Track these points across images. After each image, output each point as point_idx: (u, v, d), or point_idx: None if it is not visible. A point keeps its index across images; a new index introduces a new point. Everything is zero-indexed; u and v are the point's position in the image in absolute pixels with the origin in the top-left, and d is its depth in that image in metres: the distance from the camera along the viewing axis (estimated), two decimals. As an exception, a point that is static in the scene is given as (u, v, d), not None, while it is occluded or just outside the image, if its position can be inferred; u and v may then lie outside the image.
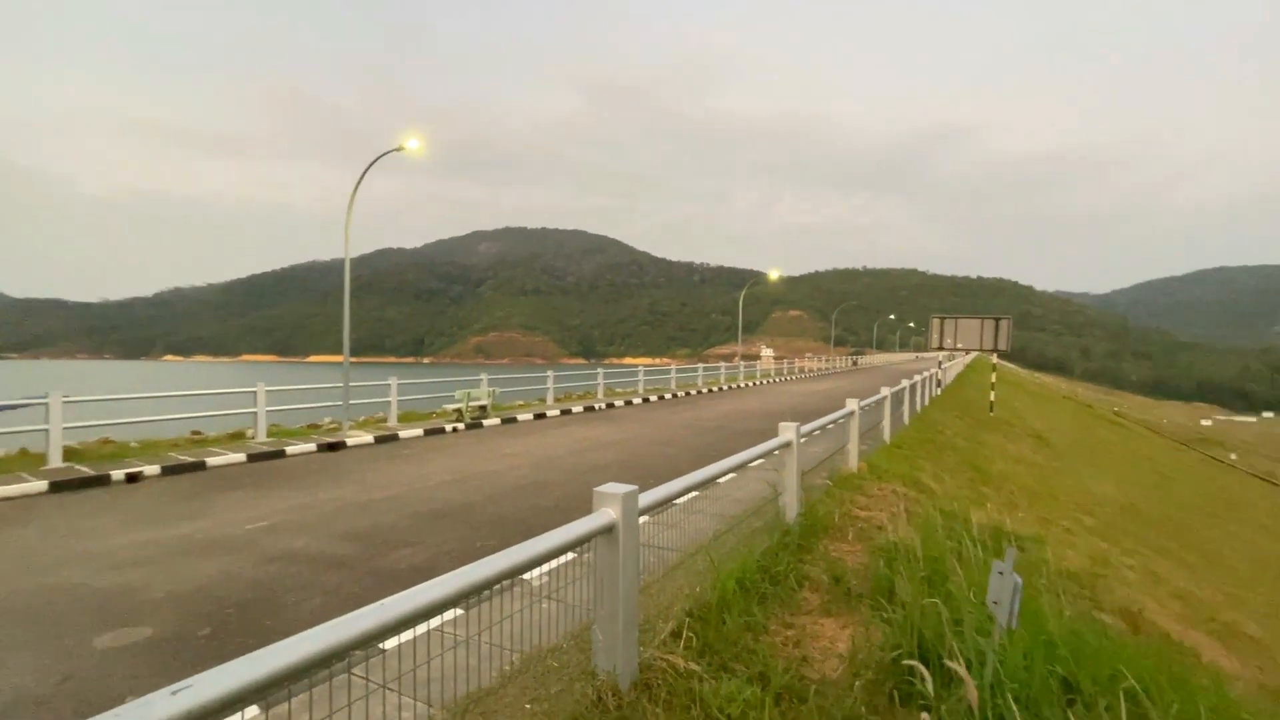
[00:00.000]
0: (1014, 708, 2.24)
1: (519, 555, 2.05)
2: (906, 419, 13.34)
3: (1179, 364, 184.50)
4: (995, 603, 2.54)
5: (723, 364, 30.19)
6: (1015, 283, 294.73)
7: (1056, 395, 54.05)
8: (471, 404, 14.22)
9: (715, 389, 25.58)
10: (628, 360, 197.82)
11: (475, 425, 13.64)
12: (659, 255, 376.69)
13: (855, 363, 57.79)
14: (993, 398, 20.80)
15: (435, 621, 3.46)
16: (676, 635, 2.95)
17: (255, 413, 11.22)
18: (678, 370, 26.31)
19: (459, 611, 3.69)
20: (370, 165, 12.41)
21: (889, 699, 2.57)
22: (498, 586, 3.85)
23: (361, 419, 14.37)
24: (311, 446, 10.63)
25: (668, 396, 21.60)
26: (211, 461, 9.25)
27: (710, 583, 3.66)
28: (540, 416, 15.50)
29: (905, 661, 2.49)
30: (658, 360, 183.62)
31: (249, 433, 11.43)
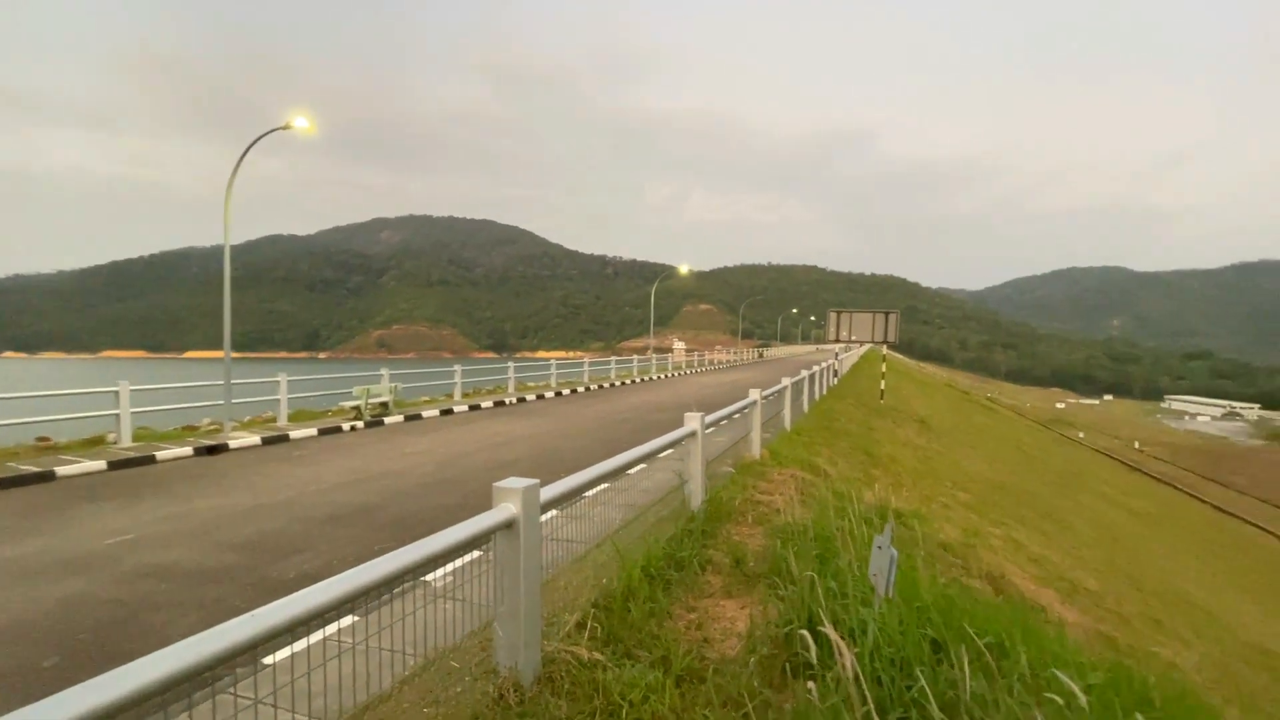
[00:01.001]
0: (889, 669, 2.44)
1: (411, 555, 1.97)
2: (806, 407, 14.08)
3: (1038, 354, 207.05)
4: (875, 575, 2.75)
5: (635, 357, 30.48)
6: (904, 279, 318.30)
7: (938, 383, 58.96)
8: (372, 401, 13.51)
9: (628, 382, 25.80)
10: (540, 354, 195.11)
11: (376, 423, 12.98)
12: (572, 248, 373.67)
13: (761, 355, 60.19)
14: (883, 386, 22.37)
15: (329, 630, 3.28)
16: (581, 626, 2.97)
17: (118, 414, 10.06)
18: (591, 363, 26.29)
19: (354, 618, 3.52)
20: (254, 143, 11.42)
21: (782, 672, 2.72)
22: (398, 589, 3.72)
23: (247, 419, 13.27)
24: (187, 450, 9.69)
25: (580, 390, 21.54)
26: (63, 471, 8.21)
27: (617, 573, 3.70)
28: (447, 413, 14.99)
29: (801, 631, 2.64)
30: (571, 353, 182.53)
31: (110, 437, 10.25)
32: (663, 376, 29.51)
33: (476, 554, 3.80)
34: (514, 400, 17.68)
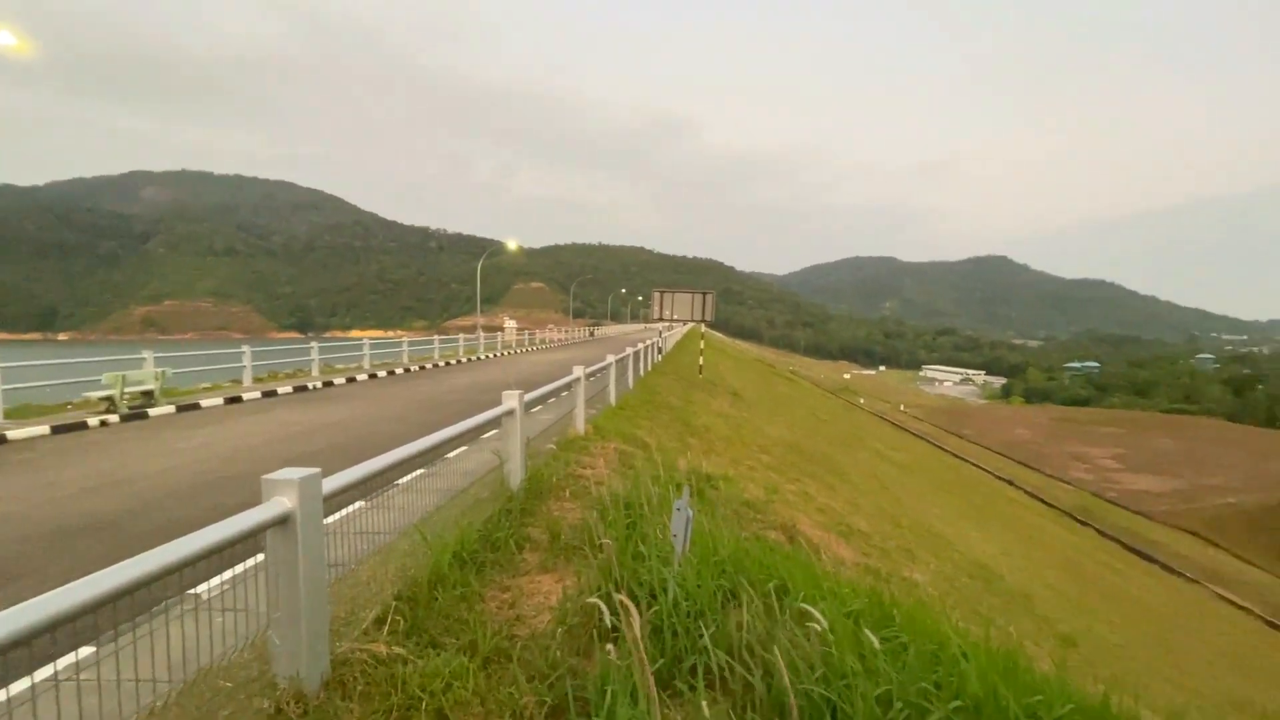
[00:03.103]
0: (685, 620, 2.63)
1: (147, 565, 1.67)
2: (631, 383, 14.62)
3: (830, 332, 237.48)
4: (675, 535, 2.94)
5: (461, 336, 29.15)
6: (721, 263, 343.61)
7: (750, 359, 64.88)
8: (131, 390, 11.30)
9: (454, 362, 24.63)
10: (355, 333, 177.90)
11: (138, 416, 10.90)
12: (389, 218, 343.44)
13: (592, 333, 61.12)
14: (701, 362, 24.02)
15: (59, 667, 2.68)
16: (381, 622, 2.78)
17: None
18: (411, 343, 24.61)
19: (91, 649, 2.93)
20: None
21: (590, 638, 2.80)
22: (158, 607, 3.15)
23: (-62, 418, 10.34)
24: None
25: (400, 372, 20.10)
26: None
27: (425, 560, 3.53)
28: (235, 401, 13.07)
29: (595, 600, 2.73)
30: (391, 333, 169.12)
31: None
32: (492, 356, 28.65)
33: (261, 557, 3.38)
34: (320, 384, 15.95)
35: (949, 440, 56.49)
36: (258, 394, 13.79)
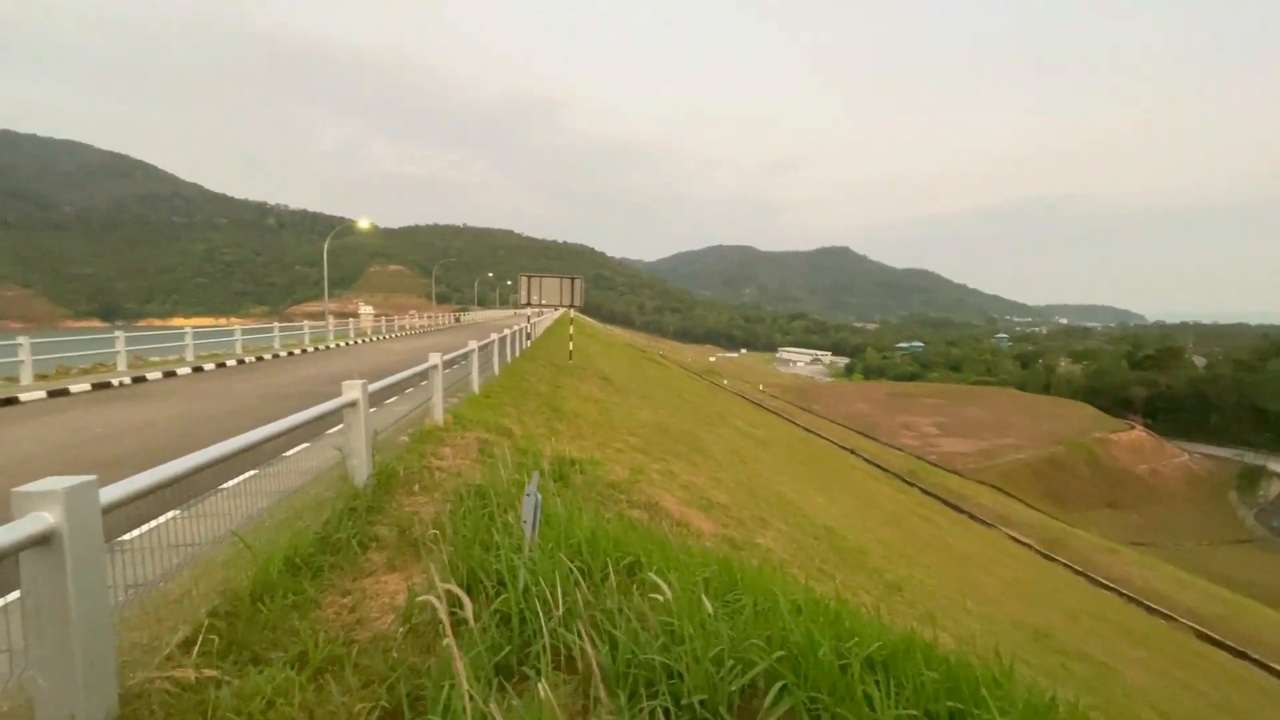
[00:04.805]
0: (534, 604, 2.62)
1: None
2: (497, 370, 14.24)
3: (696, 317, 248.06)
4: (525, 521, 2.91)
5: (306, 323, 26.56)
6: (593, 249, 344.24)
7: (621, 344, 65.91)
8: None
9: (300, 351, 22.41)
10: (177, 321, 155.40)
11: None
12: (217, 190, 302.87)
13: (458, 319, 58.64)
14: (571, 347, 23.98)
15: None
16: (190, 643, 2.47)
17: None
18: (246, 331, 22.00)
19: None
20: None
21: (438, 634, 2.70)
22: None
23: None
24: None
25: (232, 364, 17.89)
26: None
27: (251, 570, 3.20)
28: (9, 403, 10.89)
29: (427, 597, 2.63)
30: (224, 321, 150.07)
31: None
32: (344, 345, 26.45)
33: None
34: (127, 380, 13.75)
35: (801, 416, 61.61)
36: (41, 393, 11.60)
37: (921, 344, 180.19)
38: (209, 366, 16.79)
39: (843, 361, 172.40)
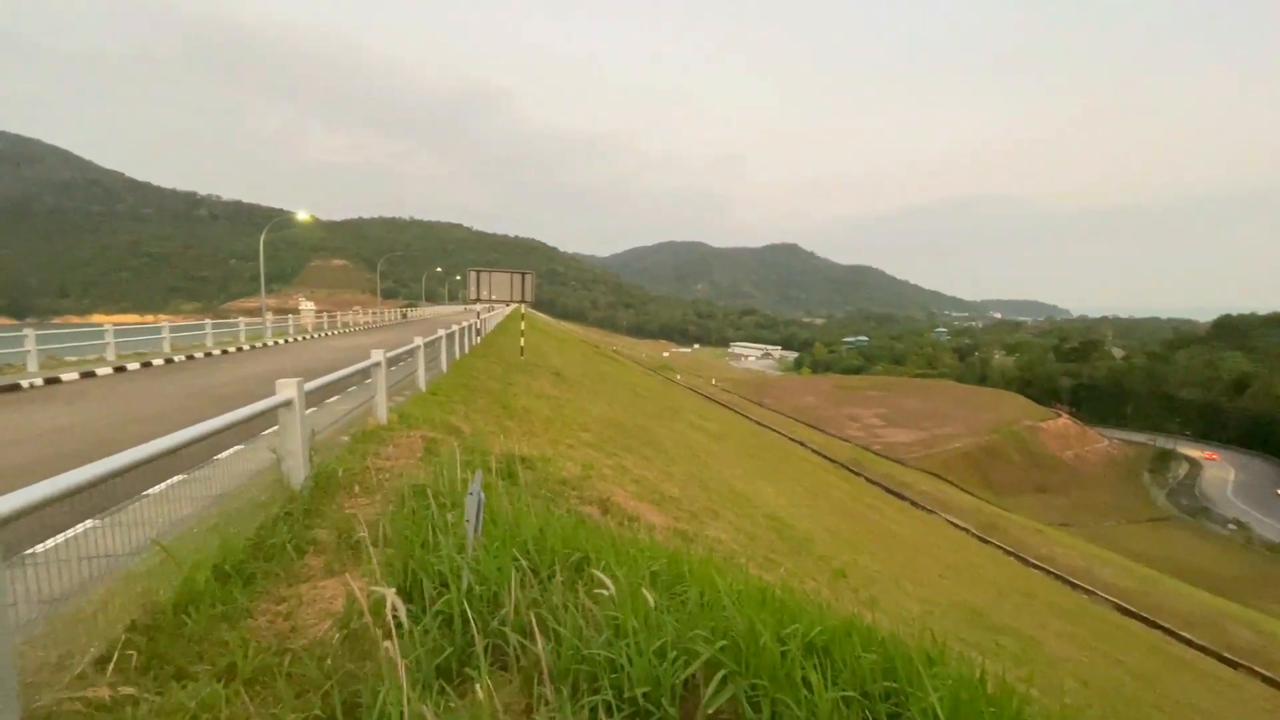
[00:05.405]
0: (478, 604, 2.58)
1: None
2: (446, 367, 13.93)
3: (650, 312, 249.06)
4: (468, 521, 2.86)
5: (242, 319, 25.29)
6: (544, 243, 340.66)
7: (574, 339, 65.53)
8: None
9: (235, 349, 21.33)
10: (97, 318, 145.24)
11: None
12: (141, 178, 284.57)
13: (405, 315, 56.99)
14: (523, 343, 23.68)
15: None
16: (105, 660, 2.33)
17: None
18: (175, 329, 20.79)
19: None
20: None
21: (376, 639, 2.62)
22: None
23: None
24: None
25: (160, 363, 16.87)
26: None
27: (176, 580, 3.03)
28: (-101, 407, 9.96)
29: (365, 599, 2.56)
30: (150, 318, 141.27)
31: None
32: (284, 342, 25.33)
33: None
34: (39, 382, 12.79)
35: (752, 409, 62.78)
36: (-62, 397, 10.66)
37: (866, 338, 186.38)
38: (133, 366, 15.78)
39: (792, 356, 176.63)
